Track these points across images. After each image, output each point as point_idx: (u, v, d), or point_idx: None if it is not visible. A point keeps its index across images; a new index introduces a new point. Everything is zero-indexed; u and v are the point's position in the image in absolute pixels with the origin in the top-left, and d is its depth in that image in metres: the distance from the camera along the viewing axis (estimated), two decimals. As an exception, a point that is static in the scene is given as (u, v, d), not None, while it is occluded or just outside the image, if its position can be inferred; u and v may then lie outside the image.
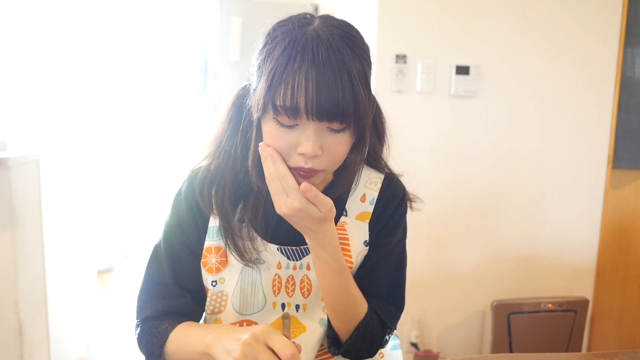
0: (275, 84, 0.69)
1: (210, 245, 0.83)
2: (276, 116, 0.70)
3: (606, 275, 2.24)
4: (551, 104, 2.07)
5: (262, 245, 0.82)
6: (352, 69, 0.69)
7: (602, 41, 2.07)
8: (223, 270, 0.83)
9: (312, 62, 0.67)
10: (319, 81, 0.67)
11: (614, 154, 2.14)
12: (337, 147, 0.73)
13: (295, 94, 0.67)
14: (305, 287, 0.84)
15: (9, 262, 1.68)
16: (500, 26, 1.99)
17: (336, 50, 0.69)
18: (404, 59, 1.93)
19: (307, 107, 0.67)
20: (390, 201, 0.87)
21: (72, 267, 2.30)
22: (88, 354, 2.46)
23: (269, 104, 0.70)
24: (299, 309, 0.85)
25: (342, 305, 0.80)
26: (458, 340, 2.16)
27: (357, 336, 0.81)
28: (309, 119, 0.69)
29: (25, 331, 1.75)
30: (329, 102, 0.67)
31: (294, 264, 0.84)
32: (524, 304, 2.05)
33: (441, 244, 2.08)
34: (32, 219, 1.83)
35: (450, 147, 2.03)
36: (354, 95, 0.69)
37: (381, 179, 0.89)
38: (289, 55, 0.69)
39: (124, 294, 3.27)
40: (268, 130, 0.73)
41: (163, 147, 4.25)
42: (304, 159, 0.72)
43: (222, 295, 0.84)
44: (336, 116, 0.69)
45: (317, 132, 0.70)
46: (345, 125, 0.71)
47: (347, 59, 0.69)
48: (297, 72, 0.67)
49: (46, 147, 2.04)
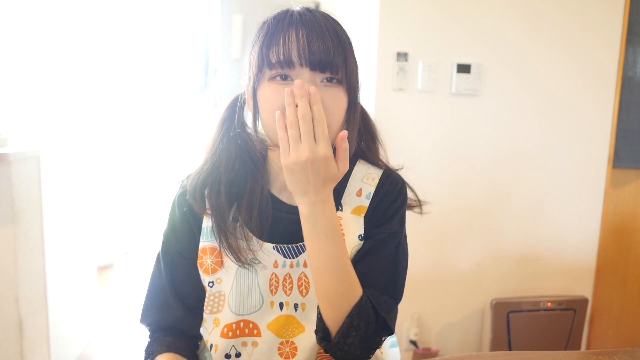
0: (267, 44, 0.75)
1: (205, 247, 0.83)
2: (271, 73, 0.74)
3: (606, 275, 2.24)
4: (552, 103, 2.07)
5: (258, 244, 0.82)
6: (340, 32, 0.77)
7: (603, 40, 2.07)
8: (219, 270, 0.83)
9: (300, 22, 0.74)
10: (309, 34, 0.73)
11: (615, 154, 2.14)
12: (332, 100, 0.75)
13: (287, 46, 0.73)
14: (303, 284, 0.84)
15: (10, 258, 1.69)
16: (502, 25, 1.99)
17: (323, 18, 0.77)
18: (405, 57, 1.93)
19: (300, 55, 0.73)
20: (387, 194, 0.86)
21: (72, 263, 2.30)
22: (88, 350, 2.46)
23: (264, 63, 0.74)
24: (297, 308, 0.84)
25: (336, 285, 0.75)
26: (457, 338, 2.16)
27: (349, 325, 0.75)
28: (302, 67, 0.73)
29: (26, 327, 1.76)
30: (320, 50, 0.73)
31: (290, 262, 0.83)
32: (524, 303, 2.05)
33: (441, 242, 2.08)
34: (33, 214, 1.83)
35: (451, 146, 2.03)
36: (343, 49, 0.75)
37: (379, 174, 0.88)
38: (278, 21, 0.76)
39: (124, 291, 3.27)
40: (264, 94, 0.75)
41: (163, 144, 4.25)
42: None
43: (220, 296, 0.84)
44: (327, 65, 0.73)
45: (312, 82, 0.74)
46: (338, 77, 0.75)
47: (335, 25, 0.77)
48: (288, 29, 0.74)
49: (47, 142, 2.05)
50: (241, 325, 0.84)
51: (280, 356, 0.84)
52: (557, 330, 2.09)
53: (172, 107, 4.22)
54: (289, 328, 0.84)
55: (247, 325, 0.84)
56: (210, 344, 0.86)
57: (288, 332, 0.84)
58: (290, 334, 0.84)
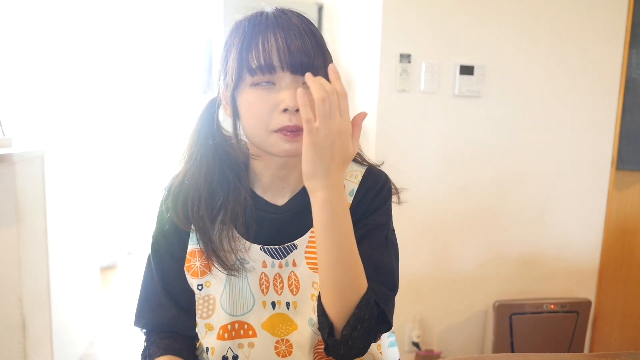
0: (246, 49, 0.73)
1: (194, 249, 0.83)
2: (252, 79, 0.73)
3: (609, 277, 2.23)
4: (555, 104, 2.07)
5: (245, 246, 0.82)
6: (314, 31, 0.76)
7: (607, 42, 2.06)
8: (208, 273, 0.83)
9: (276, 24, 0.73)
10: (287, 36, 0.73)
11: (618, 156, 2.13)
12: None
13: (267, 50, 0.72)
14: (293, 284, 0.83)
15: (13, 258, 1.69)
16: (505, 26, 1.99)
17: (298, 19, 0.76)
18: (408, 58, 1.93)
19: (281, 59, 0.72)
20: (370, 189, 0.85)
21: (75, 264, 2.31)
22: (90, 350, 2.47)
23: (244, 68, 0.73)
24: (289, 306, 0.84)
25: (348, 277, 0.73)
26: (460, 340, 2.16)
27: (357, 318, 0.73)
28: (284, 71, 0.72)
29: (29, 326, 1.76)
30: (299, 53, 0.72)
31: (279, 262, 0.83)
32: (526, 305, 2.05)
33: (444, 244, 2.08)
34: (36, 215, 1.84)
35: (454, 147, 2.03)
36: (321, 49, 0.75)
37: (362, 171, 0.87)
38: (254, 24, 0.75)
39: (127, 291, 3.28)
40: (246, 100, 0.75)
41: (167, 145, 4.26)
42: (288, 115, 0.72)
43: (209, 299, 0.84)
44: (308, 67, 0.73)
45: (294, 86, 0.73)
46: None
47: (308, 23, 0.77)
48: (265, 33, 0.73)
49: (51, 143, 2.05)
50: (236, 327, 0.84)
51: (278, 355, 0.85)
52: (560, 333, 2.09)
53: (175, 108, 4.23)
54: (283, 326, 0.84)
55: (242, 326, 0.84)
56: (205, 347, 0.86)
57: (282, 330, 0.84)
58: (284, 332, 0.84)
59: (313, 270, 0.83)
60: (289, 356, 0.85)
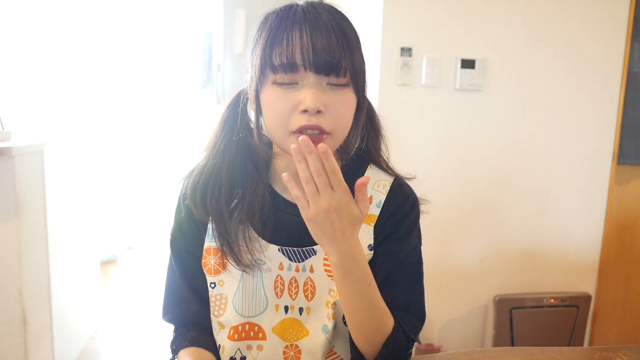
0: (270, 45, 0.70)
1: (210, 247, 0.82)
2: (275, 77, 0.71)
3: (609, 271, 2.23)
4: (556, 98, 2.06)
5: (262, 246, 0.81)
6: (346, 30, 0.72)
7: (608, 36, 2.05)
8: (222, 272, 0.82)
9: (304, 20, 0.70)
10: (314, 35, 0.69)
11: (619, 150, 2.13)
12: (340, 105, 0.72)
13: (290, 48, 0.69)
14: (309, 289, 0.82)
15: (13, 252, 1.69)
16: (506, 20, 1.98)
17: (329, 15, 0.72)
18: (409, 52, 1.92)
19: (304, 58, 0.68)
20: (400, 207, 0.83)
21: (75, 258, 2.31)
22: (91, 345, 2.47)
23: (267, 65, 0.71)
24: (302, 312, 0.83)
25: (370, 322, 0.75)
26: (460, 334, 2.16)
27: (385, 354, 0.76)
28: (306, 71, 0.69)
29: (29, 320, 1.76)
30: (325, 52, 0.68)
31: (296, 266, 0.81)
32: (527, 299, 2.05)
33: (444, 238, 2.08)
34: (36, 208, 1.84)
35: (455, 141, 2.02)
36: (349, 49, 0.71)
37: (390, 182, 0.85)
38: (281, 19, 0.71)
39: (127, 285, 3.28)
40: (268, 97, 0.73)
41: (166, 140, 4.25)
42: (308, 116, 0.70)
43: (222, 298, 0.83)
44: (333, 67, 0.69)
45: (317, 86, 0.70)
46: (345, 80, 0.72)
47: (341, 22, 0.72)
48: (291, 30, 0.70)
49: (51, 137, 2.05)
50: (246, 328, 0.83)
51: None
52: (560, 327, 2.09)
53: (174, 102, 4.22)
54: (294, 331, 0.83)
55: (252, 328, 0.83)
56: (218, 344, 0.86)
57: (292, 336, 0.83)
58: (294, 338, 0.83)
59: (331, 278, 0.81)
60: None
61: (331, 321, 0.82)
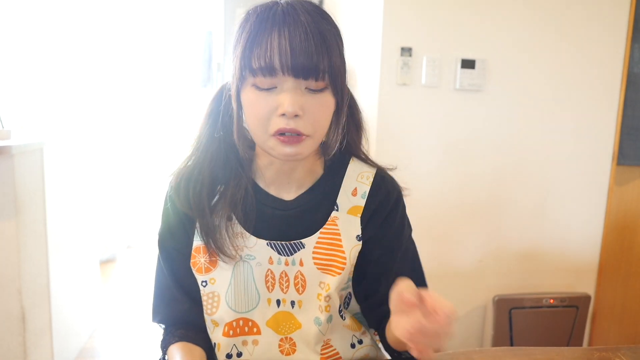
0: (249, 48, 0.70)
1: (199, 246, 0.82)
2: (254, 80, 0.71)
3: (608, 272, 2.23)
4: (556, 99, 2.06)
5: (250, 240, 0.81)
6: (325, 32, 0.72)
7: (609, 36, 2.05)
8: (213, 270, 0.83)
9: (284, 23, 0.70)
10: (292, 38, 0.69)
11: (619, 151, 2.13)
12: (318, 109, 0.73)
13: (269, 52, 0.69)
14: (300, 283, 0.83)
15: (13, 250, 1.69)
16: (507, 20, 1.98)
17: (308, 16, 0.71)
18: (409, 52, 1.92)
19: (282, 63, 0.69)
20: (385, 201, 0.85)
21: (74, 257, 2.31)
22: (90, 344, 2.47)
23: (246, 68, 0.71)
24: (294, 305, 0.84)
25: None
26: (459, 334, 2.16)
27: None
28: (284, 75, 0.69)
29: (28, 319, 1.76)
30: (303, 57, 0.69)
31: (285, 259, 0.82)
32: (526, 299, 2.05)
33: (443, 238, 2.08)
34: (36, 207, 1.84)
35: (454, 141, 2.02)
36: (328, 54, 0.71)
37: (372, 173, 0.87)
38: (260, 21, 0.71)
39: (126, 285, 3.28)
40: (247, 99, 0.73)
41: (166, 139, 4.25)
42: (286, 119, 0.71)
43: (214, 296, 0.83)
44: (311, 72, 0.70)
45: (296, 90, 0.71)
46: (324, 84, 0.72)
47: (320, 24, 0.72)
48: (270, 33, 0.70)
49: (50, 136, 2.05)
50: (241, 324, 0.84)
51: (281, 353, 0.84)
52: (559, 327, 2.09)
53: (175, 102, 4.22)
54: (287, 324, 0.84)
55: (247, 323, 0.84)
56: (214, 342, 0.86)
57: (286, 329, 0.84)
58: (288, 331, 0.84)
59: (321, 271, 0.82)
60: (292, 354, 0.84)
61: (324, 314, 0.83)
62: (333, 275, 0.82)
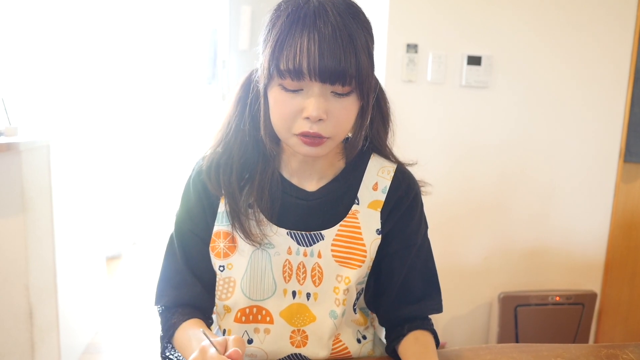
0: (279, 49, 0.70)
1: (219, 230, 0.84)
2: (281, 81, 0.72)
3: (615, 270, 2.22)
4: (563, 96, 2.05)
5: (271, 229, 0.82)
6: (355, 34, 0.71)
7: (616, 33, 2.04)
8: (231, 255, 0.83)
9: (314, 26, 0.69)
10: (321, 43, 0.69)
11: (626, 148, 2.11)
12: (342, 112, 0.73)
13: (297, 56, 0.69)
14: (317, 275, 0.83)
15: (20, 246, 1.70)
16: (513, 17, 1.97)
17: (338, 17, 0.71)
18: (415, 48, 1.92)
19: (310, 68, 0.69)
20: (405, 196, 0.87)
21: (81, 253, 2.32)
22: (96, 340, 2.49)
23: (274, 69, 0.71)
24: (309, 297, 0.84)
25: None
26: (464, 331, 2.16)
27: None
28: (312, 80, 0.70)
29: (36, 315, 1.78)
30: (331, 62, 0.69)
31: (304, 250, 0.83)
32: (532, 297, 2.04)
33: (449, 235, 2.07)
34: (43, 204, 1.85)
35: (460, 138, 2.02)
36: (356, 58, 0.71)
37: (393, 168, 0.88)
38: (291, 21, 0.70)
39: (132, 281, 3.30)
40: (273, 98, 0.74)
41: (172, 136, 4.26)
42: (309, 123, 0.72)
43: (230, 281, 0.84)
44: (338, 77, 0.70)
45: (322, 95, 0.71)
46: (350, 89, 0.72)
47: (350, 25, 0.71)
48: (300, 36, 0.69)
49: (57, 133, 2.05)
50: (254, 311, 0.84)
51: (292, 345, 0.85)
52: (565, 325, 2.09)
53: (180, 99, 4.23)
54: (301, 317, 0.84)
55: (260, 311, 0.84)
56: (223, 329, 0.86)
57: (299, 321, 0.85)
58: (301, 323, 0.85)
59: (339, 263, 0.83)
60: (303, 347, 0.85)
61: (340, 307, 0.84)
62: (353, 268, 0.83)
